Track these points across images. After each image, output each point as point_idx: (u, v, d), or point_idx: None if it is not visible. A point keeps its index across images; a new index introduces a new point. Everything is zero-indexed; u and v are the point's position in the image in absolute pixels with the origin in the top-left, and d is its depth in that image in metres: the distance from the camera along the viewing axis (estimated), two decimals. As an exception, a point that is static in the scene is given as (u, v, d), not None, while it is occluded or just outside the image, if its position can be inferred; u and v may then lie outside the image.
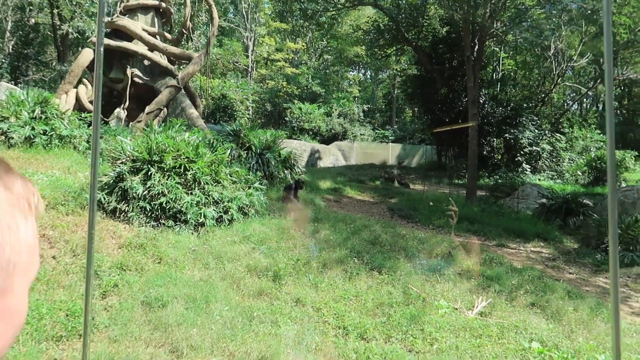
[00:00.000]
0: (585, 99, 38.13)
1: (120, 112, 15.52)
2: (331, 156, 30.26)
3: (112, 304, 5.29)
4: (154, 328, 4.87)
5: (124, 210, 7.35)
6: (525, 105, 26.31)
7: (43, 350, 4.29)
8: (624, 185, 20.20)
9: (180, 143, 8.34)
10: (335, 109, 34.41)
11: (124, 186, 7.48)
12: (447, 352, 5.03)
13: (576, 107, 37.34)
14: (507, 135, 23.86)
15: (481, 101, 23.28)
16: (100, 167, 8.85)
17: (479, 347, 5.21)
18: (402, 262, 7.61)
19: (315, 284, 6.34)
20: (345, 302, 6.00)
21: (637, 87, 36.43)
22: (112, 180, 7.67)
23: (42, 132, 11.00)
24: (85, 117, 12.49)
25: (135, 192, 7.39)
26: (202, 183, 7.92)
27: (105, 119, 14.63)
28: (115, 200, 7.42)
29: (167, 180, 7.64)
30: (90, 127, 12.53)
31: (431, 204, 14.06)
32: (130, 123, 14.28)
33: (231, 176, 8.65)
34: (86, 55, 14.05)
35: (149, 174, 7.62)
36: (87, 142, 11.91)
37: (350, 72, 45.01)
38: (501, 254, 9.78)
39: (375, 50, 28.19)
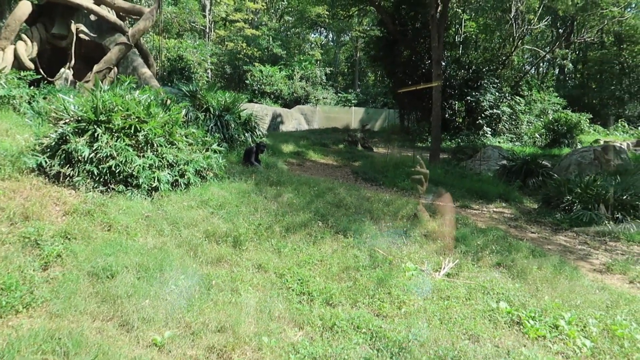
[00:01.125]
0: (542, 63, 38.69)
1: (66, 71, 14.43)
2: (293, 120, 29.69)
3: (55, 275, 4.82)
4: (102, 300, 4.46)
5: (69, 174, 6.75)
6: (486, 68, 26.35)
7: (-29, 328, 3.83)
8: (579, 146, 20.70)
9: (129, 102, 7.70)
10: (297, 72, 33.59)
11: (68, 149, 6.85)
12: (416, 315, 4.86)
13: (534, 70, 37.88)
14: (468, 98, 23.91)
15: (443, 64, 23.10)
16: (41, 129, 8.14)
17: (447, 309, 5.08)
18: (368, 224, 7.39)
19: (278, 249, 6.03)
20: (309, 267, 5.73)
21: (592, 52, 37.18)
22: (54, 143, 7.02)
23: (-24, 92, 10.03)
24: (25, 77, 11.48)
25: (81, 155, 6.79)
26: (155, 145, 7.37)
27: (50, 79, 13.56)
28: (59, 164, 6.80)
29: (115, 141, 7.04)
30: (32, 87, 11.56)
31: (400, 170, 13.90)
32: (78, 83, 13.30)
33: (187, 138, 8.12)
34: (24, 8, 12.84)
35: (96, 135, 7.00)
36: (29, 102, 10.98)
37: (312, 35, 43.92)
38: (465, 214, 9.74)
39: (338, 10, 27.42)
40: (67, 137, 6.96)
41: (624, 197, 10.52)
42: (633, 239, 8.96)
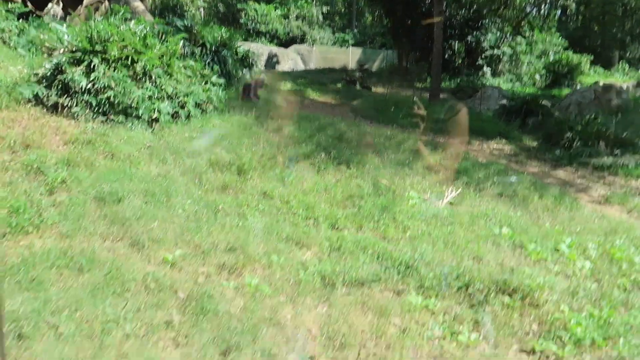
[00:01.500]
0: (545, 3, 37.56)
1: (54, 6, 13.89)
2: (290, 60, 29.01)
3: (61, 200, 4.82)
4: (110, 222, 4.49)
5: (67, 105, 6.62)
6: (487, 7, 25.54)
7: (-17, 246, 3.86)
8: (579, 87, 20.49)
9: (125, 32, 7.42)
10: (293, 11, 32.50)
11: (64, 79, 6.67)
12: (420, 238, 4.94)
13: (536, 11, 36.83)
14: (469, 38, 23.33)
15: (444, 2, 22.36)
16: (35, 60, 7.90)
17: (451, 233, 5.16)
18: (370, 157, 7.38)
19: (282, 178, 6.04)
20: (314, 195, 5.76)
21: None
22: (49, 73, 6.82)
23: (-38, 23, 9.65)
24: (13, 9, 11.01)
25: (78, 85, 6.62)
26: (154, 76, 7.18)
27: (39, 13, 13.04)
28: (56, 95, 6.64)
29: (113, 72, 6.86)
30: (21, 21, 11.12)
31: (392, 108, 13.74)
32: (68, 17, 12.81)
33: (185, 70, 7.91)
34: None
35: (92, 65, 6.79)
36: (18, 35, 10.60)
37: (308, -29, 42.10)
38: (466, 150, 9.74)
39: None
40: (63, 68, 6.75)
41: (624, 134, 10.53)
42: (631, 173, 9.02)
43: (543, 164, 9.66)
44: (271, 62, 27.43)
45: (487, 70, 23.45)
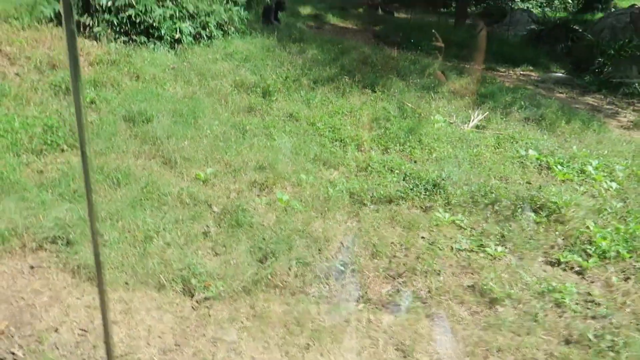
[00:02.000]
0: None
1: None
2: (307, -16, 27.74)
3: (92, 119, 4.89)
4: (142, 141, 4.57)
5: (89, 24, 6.54)
6: None
7: (24, 161, 3.99)
8: (613, 10, 19.37)
9: (142, -54, 7.15)
10: None
11: (85, -3, 6.55)
12: (447, 160, 4.94)
13: None
14: (498, -44, 21.89)
15: None
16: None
17: (477, 155, 5.14)
18: (395, 81, 7.24)
19: (307, 100, 6.00)
20: (340, 117, 5.74)
21: None
22: (68, -9, 6.67)
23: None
24: None
25: (99, 4, 6.50)
26: (174, -6, 6.99)
27: None
28: (77, 14, 6.54)
29: (133, -11, 6.68)
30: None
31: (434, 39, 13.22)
32: None
33: (205, -12, 7.66)
34: None
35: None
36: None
37: None
38: (492, 76, 9.48)
39: None
40: (83, -16, 6.60)
41: (660, 59, 10.06)
42: (664, 100, 8.75)
43: (571, 90, 9.38)
44: (288, -15, 26.30)
45: (515, -8, 22.17)
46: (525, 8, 19.99)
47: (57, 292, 2.72)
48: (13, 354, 2.30)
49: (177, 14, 6.88)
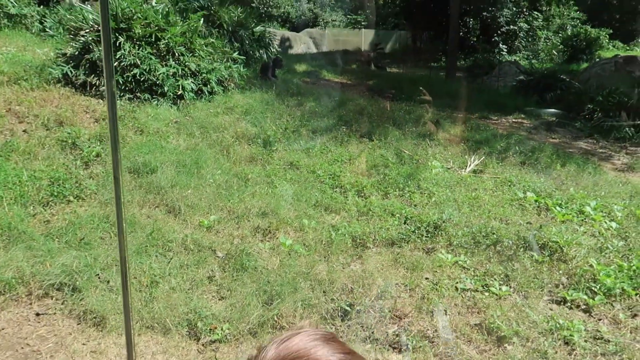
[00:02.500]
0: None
1: (72, -7, 13.99)
2: (302, 44, 28.90)
3: (97, 172, 4.99)
4: (146, 191, 4.65)
5: (95, 84, 6.79)
6: (503, -18, 25.08)
7: (31, 213, 4.05)
8: (598, 60, 20.14)
9: (147, 10, 7.55)
10: (305, -7, 32.28)
11: (92, 58, 6.84)
12: (446, 203, 5.02)
13: (553, -15, 36.01)
14: (484, 14, 22.99)
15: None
16: (62, 40, 8.07)
17: (476, 198, 5.23)
18: (391, 130, 7.44)
19: (307, 149, 6.15)
20: (339, 165, 5.86)
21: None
22: (77, 52, 7.00)
23: (-14, 10, 9.84)
24: (34, -6, 11.19)
25: (105, 64, 6.77)
26: (177, 54, 7.31)
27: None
28: (84, 74, 6.82)
29: (138, 50, 7.00)
30: (42, 7, 11.30)
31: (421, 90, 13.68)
32: (85, 2, 12.95)
33: (207, 47, 8.01)
34: None
35: (118, 43, 6.94)
36: (40, 22, 10.79)
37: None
38: (485, 123, 9.73)
39: None
40: (90, 47, 6.92)
41: (646, 104, 10.39)
42: (654, 143, 8.97)
43: (563, 136, 9.62)
44: (284, 46, 27.36)
45: (503, 47, 23.12)
46: (513, 60, 20.78)
47: (63, 338, 2.71)
48: (18, 401, 2.26)
49: (180, 72, 7.16)
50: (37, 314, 2.90)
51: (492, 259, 3.86)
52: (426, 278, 3.56)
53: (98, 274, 3.21)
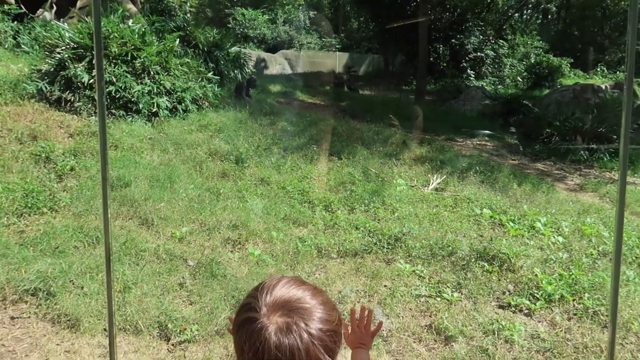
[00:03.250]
0: (527, 7, 38.47)
1: (45, 12, 14.09)
2: (277, 65, 29.37)
3: (71, 185, 5.13)
4: (120, 204, 4.81)
5: (70, 100, 6.92)
6: (471, 11, 26.24)
7: (5, 223, 4.16)
8: (559, 87, 21.15)
9: (124, 30, 7.77)
10: (281, 16, 32.94)
11: (67, 74, 7.00)
12: (408, 218, 5.33)
13: (518, 15, 37.73)
14: (453, 41, 23.95)
15: (428, 7, 22.95)
16: (35, 59, 8.18)
17: (436, 214, 5.55)
18: (360, 149, 7.77)
19: (278, 166, 6.40)
20: (308, 181, 6.13)
21: (576, -3, 37.00)
22: (52, 69, 7.14)
23: (-40, 25, 9.87)
24: (9, 10, 11.27)
25: (81, 81, 6.95)
26: (152, 72, 7.53)
27: (32, 15, 13.25)
28: (59, 90, 6.95)
29: (114, 68, 7.18)
30: (16, 22, 11.36)
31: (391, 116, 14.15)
32: (62, 19, 13.05)
33: (182, 67, 8.25)
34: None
35: (93, 61, 7.11)
36: (14, 38, 10.84)
37: (295, -23, 42.60)
38: (450, 145, 10.19)
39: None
40: (66, 64, 7.07)
41: (600, 129, 11.06)
42: (605, 165, 9.55)
43: (523, 158, 10.15)
44: (259, 67, 27.77)
45: (471, 72, 24.06)
46: (480, 85, 21.66)
47: (37, 339, 2.85)
48: (-5, 395, 2.40)
49: (155, 90, 7.36)
50: (12, 318, 3.03)
51: (447, 268, 4.15)
52: (385, 285, 3.82)
53: (72, 280, 3.36)
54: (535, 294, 3.81)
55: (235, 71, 12.57)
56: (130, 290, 3.32)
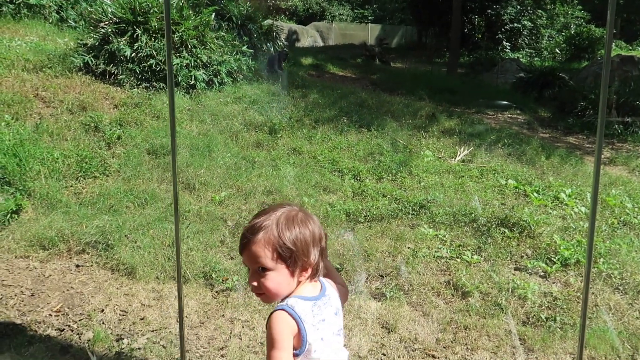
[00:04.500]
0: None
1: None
2: (309, 37, 29.37)
3: (119, 152, 5.55)
4: (164, 170, 5.20)
5: (114, 72, 7.33)
6: (509, -21, 25.42)
7: (64, 186, 4.61)
8: (599, 59, 20.51)
9: (163, 5, 8.07)
10: (313, -13, 32.69)
11: (111, 48, 7.38)
12: (433, 187, 5.55)
13: (560, -17, 36.23)
14: (489, 11, 23.38)
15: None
16: (83, 30, 8.61)
17: (462, 185, 5.75)
18: (389, 121, 7.96)
19: (309, 137, 6.68)
20: (338, 152, 6.40)
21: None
22: (97, 43, 7.53)
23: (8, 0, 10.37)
24: (53, -15, 11.72)
25: (123, 55, 7.32)
26: (190, 46, 7.84)
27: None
28: (104, 63, 7.35)
29: (154, 42, 7.53)
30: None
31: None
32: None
33: (218, 40, 8.54)
34: None
35: (135, 35, 7.48)
36: (58, 12, 11.33)
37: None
38: (480, 118, 10.23)
39: None
40: (110, 38, 7.46)
41: (636, 102, 10.85)
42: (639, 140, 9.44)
43: (555, 131, 10.11)
44: (291, 39, 27.83)
45: (506, 44, 23.52)
46: (515, 58, 21.20)
47: (100, 284, 3.27)
48: (69, 326, 2.82)
49: (193, 64, 7.69)
50: (77, 265, 3.46)
51: (468, 233, 4.39)
52: (408, 247, 4.10)
53: (126, 235, 3.77)
54: (552, 258, 4.02)
55: (268, 44, 12.79)
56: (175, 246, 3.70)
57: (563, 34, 25.36)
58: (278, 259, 1.29)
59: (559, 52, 23.74)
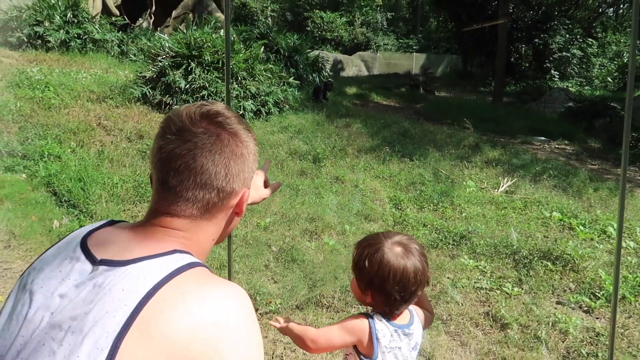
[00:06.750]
0: (623, 2, 36.02)
1: (145, 20, 15.55)
2: (354, 67, 29.86)
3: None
4: (213, 196, 5.47)
5: (169, 103, 7.81)
6: (557, 8, 25.14)
7: (122, 209, 4.95)
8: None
9: (216, 39, 8.59)
10: (358, 18, 33.40)
11: (167, 80, 7.89)
12: (475, 218, 5.56)
13: (612, 11, 35.43)
14: (536, 40, 23.11)
15: (512, 6, 22.33)
16: (143, 65, 9.22)
17: (504, 216, 5.73)
18: (432, 151, 8.03)
19: (352, 166, 6.85)
20: (380, 181, 6.52)
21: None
22: (155, 75, 8.07)
23: (76, 35, 11.26)
24: (116, 21, 12.65)
25: (178, 86, 7.81)
26: (240, 78, 8.26)
27: (133, 24, 14.71)
28: (160, 94, 7.86)
29: (207, 74, 8.00)
30: (121, 32, 12.72)
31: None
32: (158, 28, 14.38)
33: (266, 72, 8.95)
34: (110, -42, 13.88)
35: (190, 68, 7.97)
36: (119, 46, 12.18)
37: (373, -21, 42.86)
38: (526, 148, 10.11)
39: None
40: (166, 71, 7.98)
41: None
42: (696, 172, 9.05)
43: (604, 163, 9.84)
44: (336, 68, 28.41)
45: (555, 73, 23.11)
46: (564, 87, 20.79)
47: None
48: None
49: (242, 94, 8.09)
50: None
51: (509, 265, 4.38)
52: (447, 277, 4.14)
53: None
54: (597, 293, 3.96)
55: (314, 74, 13.22)
56: (225, 268, 3.91)
57: (615, 62, 24.68)
58: None
59: (610, 80, 23.09)
